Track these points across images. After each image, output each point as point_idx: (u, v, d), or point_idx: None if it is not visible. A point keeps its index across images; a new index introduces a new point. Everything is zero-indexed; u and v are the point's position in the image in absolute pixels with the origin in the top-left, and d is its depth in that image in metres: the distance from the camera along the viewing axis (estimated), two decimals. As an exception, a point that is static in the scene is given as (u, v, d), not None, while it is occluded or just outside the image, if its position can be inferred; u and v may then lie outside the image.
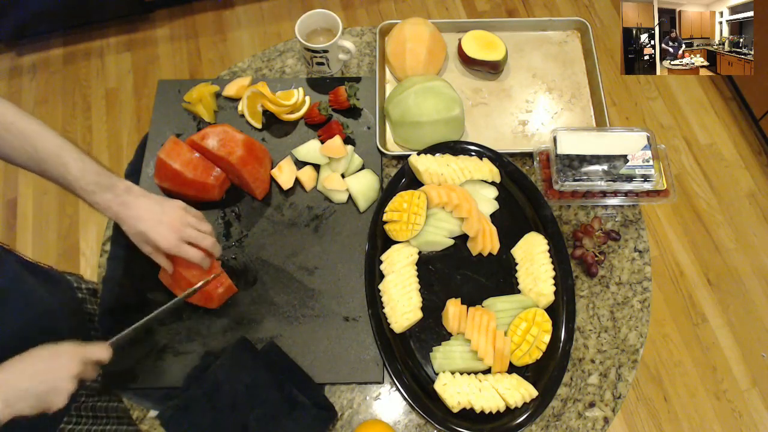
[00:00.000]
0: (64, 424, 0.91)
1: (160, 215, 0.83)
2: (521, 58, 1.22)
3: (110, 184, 0.81)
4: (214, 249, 0.88)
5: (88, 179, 0.79)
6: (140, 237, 0.83)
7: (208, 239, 0.86)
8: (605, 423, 0.92)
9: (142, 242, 0.84)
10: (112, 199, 0.80)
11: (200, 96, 1.11)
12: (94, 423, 0.97)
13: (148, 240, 0.82)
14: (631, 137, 1.03)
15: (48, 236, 2.02)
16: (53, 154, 0.78)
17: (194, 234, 0.85)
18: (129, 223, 0.81)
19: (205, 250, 0.87)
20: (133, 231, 0.82)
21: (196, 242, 0.85)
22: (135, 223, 0.81)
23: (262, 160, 1.03)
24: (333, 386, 0.93)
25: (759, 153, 2.14)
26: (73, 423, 0.93)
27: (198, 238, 0.85)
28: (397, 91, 1.09)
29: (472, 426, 0.87)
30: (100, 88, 2.29)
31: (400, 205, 0.97)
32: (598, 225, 1.03)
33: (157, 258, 0.87)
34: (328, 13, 1.13)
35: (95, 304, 1.06)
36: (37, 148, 0.77)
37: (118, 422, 1.02)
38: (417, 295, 0.95)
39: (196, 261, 0.85)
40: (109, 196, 0.80)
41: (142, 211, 0.82)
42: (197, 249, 0.85)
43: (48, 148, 0.78)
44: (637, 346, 0.97)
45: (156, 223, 0.82)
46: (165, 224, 0.82)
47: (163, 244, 0.82)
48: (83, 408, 0.96)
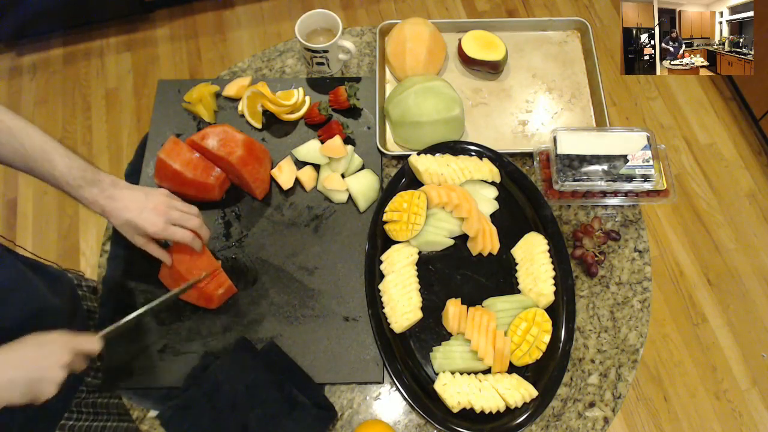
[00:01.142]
0: (65, 420, 0.92)
1: (145, 203, 0.84)
2: (521, 58, 1.22)
3: (96, 179, 0.82)
4: (202, 229, 0.89)
5: (75, 174, 0.80)
6: (128, 226, 0.84)
7: (195, 219, 0.88)
8: (605, 423, 0.92)
9: (132, 232, 0.85)
10: (99, 194, 0.82)
11: (200, 96, 1.11)
12: (95, 419, 0.97)
13: (136, 227, 0.83)
14: (631, 137, 1.03)
15: (48, 236, 2.02)
16: (39, 149, 0.79)
17: (180, 215, 0.86)
18: (115, 215, 0.83)
19: (195, 233, 0.88)
20: (120, 222, 0.83)
21: (182, 223, 0.86)
22: (121, 213, 0.82)
23: (262, 160, 1.03)
24: (333, 386, 0.93)
25: (759, 153, 2.14)
26: (74, 419, 0.93)
27: (183, 218, 0.87)
28: (397, 91, 1.09)
29: (472, 426, 0.87)
30: (100, 88, 2.29)
31: (400, 205, 0.97)
32: (598, 225, 1.03)
33: (150, 249, 0.87)
34: (328, 13, 1.13)
35: (95, 301, 1.06)
36: (24, 144, 0.78)
37: (119, 419, 1.03)
38: (417, 295, 0.95)
39: (185, 241, 0.86)
40: (95, 190, 0.81)
41: (128, 201, 0.83)
42: (186, 230, 0.87)
43: (35, 144, 0.79)
44: (637, 346, 0.97)
45: (141, 210, 0.83)
46: (150, 209, 0.84)
47: (150, 229, 0.83)
48: (83, 404, 0.96)
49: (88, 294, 1.06)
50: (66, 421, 0.92)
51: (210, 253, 0.94)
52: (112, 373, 0.92)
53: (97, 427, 0.98)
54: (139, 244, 0.87)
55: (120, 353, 0.93)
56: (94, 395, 0.99)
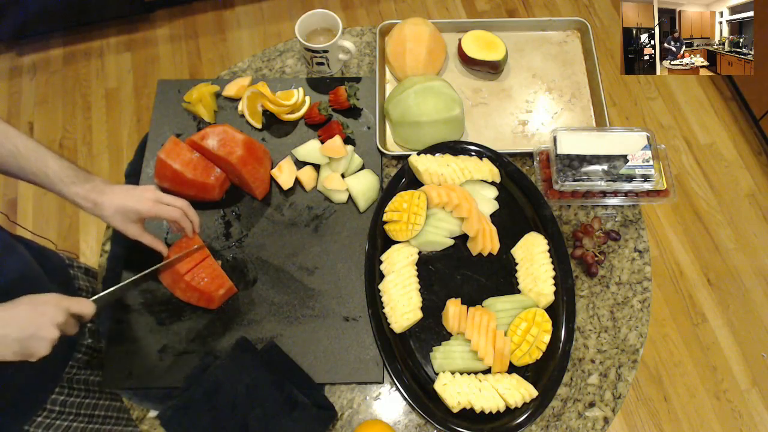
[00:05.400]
0: (56, 395, 0.93)
1: (133, 190, 0.87)
2: (521, 58, 1.22)
3: (88, 177, 0.85)
4: (190, 210, 0.90)
5: (68, 173, 0.83)
6: (119, 213, 0.85)
7: (183, 201, 0.90)
8: (605, 423, 0.92)
9: (124, 220, 0.86)
10: (90, 189, 0.84)
11: (200, 96, 1.11)
12: (86, 396, 0.99)
13: (127, 209, 0.85)
14: (631, 137, 1.03)
15: (48, 236, 2.02)
16: (33, 150, 0.82)
17: (169, 197, 0.89)
18: (106, 205, 0.84)
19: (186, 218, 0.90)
20: (111, 211, 0.84)
21: (171, 203, 0.89)
22: (111, 202, 0.84)
23: (262, 160, 1.03)
24: (333, 386, 0.93)
25: (759, 153, 2.14)
26: (65, 394, 0.95)
27: (172, 199, 0.89)
28: (397, 91, 1.09)
29: (472, 426, 0.87)
30: (100, 88, 2.29)
31: (400, 205, 0.97)
32: (598, 225, 1.03)
33: (145, 239, 0.89)
34: (328, 13, 1.13)
35: (86, 281, 1.08)
36: (17, 144, 0.81)
37: (111, 398, 1.05)
38: (417, 295, 0.95)
39: (176, 217, 0.88)
40: (87, 186, 0.84)
41: (117, 192, 0.86)
42: (175, 207, 0.89)
43: (28, 145, 0.82)
44: (637, 346, 0.97)
45: (131, 195, 0.86)
46: (139, 192, 0.87)
47: (141, 206, 0.85)
48: (75, 380, 0.97)
49: (80, 274, 1.08)
50: (58, 396, 0.93)
51: (202, 242, 0.95)
52: (112, 373, 0.92)
53: (89, 404, 0.99)
54: (133, 235, 0.88)
55: (120, 353, 0.93)
56: (86, 372, 1.00)
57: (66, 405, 0.95)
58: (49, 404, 0.92)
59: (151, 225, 1.03)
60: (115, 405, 1.05)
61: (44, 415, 0.91)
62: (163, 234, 1.03)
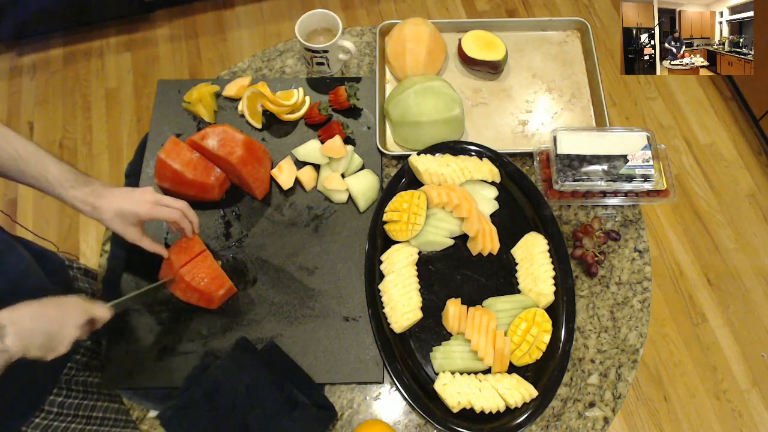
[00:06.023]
0: (54, 396, 0.93)
1: (132, 193, 0.87)
2: (521, 58, 1.22)
3: (88, 181, 0.85)
4: (189, 211, 0.90)
5: (67, 176, 0.83)
6: (118, 216, 0.85)
7: (182, 202, 0.90)
8: (605, 423, 0.92)
9: (123, 223, 0.86)
10: (90, 192, 0.84)
11: (200, 96, 1.11)
12: (84, 398, 0.99)
13: (125, 213, 0.84)
14: (631, 137, 1.03)
15: (48, 236, 2.02)
16: (33, 153, 0.82)
17: (167, 199, 0.89)
18: (104, 209, 0.84)
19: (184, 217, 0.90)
20: (110, 214, 0.84)
21: (170, 204, 0.88)
22: (109, 205, 0.84)
23: (262, 160, 1.03)
24: (333, 386, 0.93)
25: (759, 153, 2.14)
26: (63, 395, 0.95)
27: (170, 200, 0.89)
28: (397, 91, 1.09)
29: (472, 426, 0.87)
30: (100, 88, 2.29)
31: (400, 205, 0.97)
32: (598, 225, 1.03)
33: (145, 244, 0.89)
34: (328, 13, 1.13)
35: (86, 282, 1.08)
36: (18, 148, 0.82)
37: (109, 399, 1.04)
38: (417, 295, 0.95)
39: (175, 218, 0.88)
40: (87, 189, 0.84)
41: (115, 195, 0.86)
42: (174, 209, 0.89)
43: (28, 149, 0.83)
44: (637, 346, 0.97)
45: (129, 198, 0.86)
46: (138, 195, 0.87)
47: (139, 209, 0.85)
48: (74, 382, 0.98)
49: (80, 275, 1.08)
50: (56, 397, 0.93)
51: (203, 244, 0.94)
52: (112, 373, 0.92)
53: (87, 405, 0.99)
54: (132, 239, 0.87)
55: (120, 353, 0.93)
56: (85, 374, 1.00)
57: (64, 406, 0.95)
58: (47, 405, 0.92)
59: (151, 225, 1.03)
60: (113, 406, 1.06)
61: (42, 416, 0.91)
62: (163, 234, 1.03)
